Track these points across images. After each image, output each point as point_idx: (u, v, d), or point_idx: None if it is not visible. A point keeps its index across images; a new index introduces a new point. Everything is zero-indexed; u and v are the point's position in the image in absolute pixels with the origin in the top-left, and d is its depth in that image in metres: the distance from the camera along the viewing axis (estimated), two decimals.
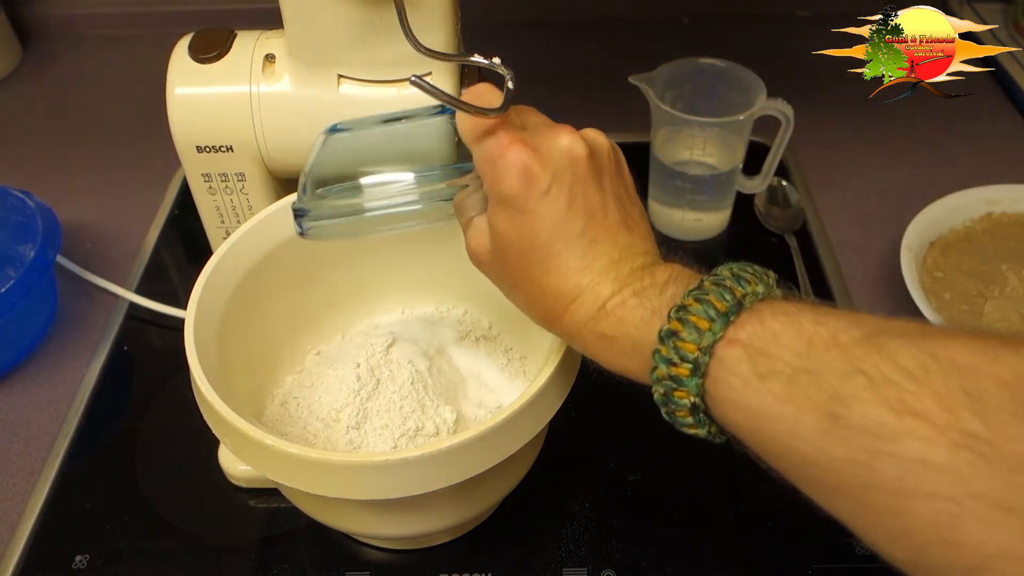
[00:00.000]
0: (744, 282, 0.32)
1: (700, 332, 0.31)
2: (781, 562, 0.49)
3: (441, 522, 0.45)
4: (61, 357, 0.62)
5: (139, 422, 0.57)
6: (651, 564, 0.48)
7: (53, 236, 0.59)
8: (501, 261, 0.37)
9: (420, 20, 0.43)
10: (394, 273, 0.54)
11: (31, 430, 0.57)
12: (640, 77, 0.65)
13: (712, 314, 0.31)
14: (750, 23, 0.94)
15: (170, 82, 0.48)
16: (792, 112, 0.64)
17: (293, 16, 0.45)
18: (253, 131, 0.48)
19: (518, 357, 0.52)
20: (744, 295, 0.31)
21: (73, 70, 0.92)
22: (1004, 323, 0.56)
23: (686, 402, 0.32)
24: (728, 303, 0.31)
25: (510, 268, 0.37)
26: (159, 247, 0.70)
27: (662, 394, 0.33)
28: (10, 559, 0.50)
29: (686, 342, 0.31)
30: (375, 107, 0.47)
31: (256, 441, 0.37)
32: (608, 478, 0.53)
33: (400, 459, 0.36)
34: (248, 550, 0.50)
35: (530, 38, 0.92)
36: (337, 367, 0.48)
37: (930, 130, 0.78)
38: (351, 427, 0.45)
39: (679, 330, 0.31)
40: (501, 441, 0.38)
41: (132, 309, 0.64)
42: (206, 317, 0.43)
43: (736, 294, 0.31)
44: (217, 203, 0.52)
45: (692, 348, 0.31)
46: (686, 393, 0.31)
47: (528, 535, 0.50)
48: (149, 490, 0.53)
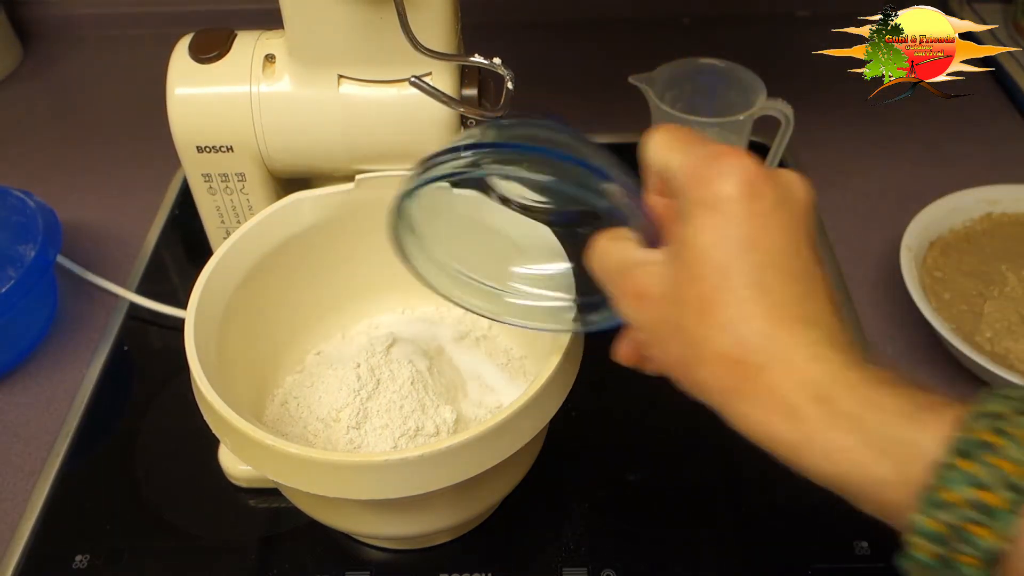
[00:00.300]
0: None
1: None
2: (781, 562, 0.49)
3: (441, 522, 0.45)
4: (61, 357, 0.62)
5: (139, 422, 0.57)
6: (651, 564, 0.48)
7: (53, 236, 0.59)
8: (685, 287, 0.29)
9: (420, 20, 0.43)
10: (394, 273, 0.53)
11: (31, 430, 0.57)
12: (640, 77, 0.65)
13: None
14: (750, 23, 0.94)
15: (170, 82, 0.48)
16: (792, 112, 0.64)
17: (293, 16, 0.45)
18: (253, 131, 0.48)
19: (518, 357, 0.52)
20: None
21: (73, 70, 0.92)
22: (1004, 323, 0.56)
23: (985, 544, 0.22)
24: None
25: (696, 295, 0.28)
26: (159, 247, 0.70)
27: (938, 529, 0.23)
28: (10, 559, 0.50)
29: (1005, 460, 0.21)
30: (375, 107, 0.47)
31: (256, 441, 0.37)
32: (608, 478, 0.53)
33: (400, 459, 0.36)
34: (248, 550, 0.50)
35: (530, 38, 0.92)
36: (337, 367, 0.48)
37: (930, 130, 0.78)
38: (351, 427, 0.45)
39: (997, 443, 0.22)
40: (501, 441, 0.38)
41: (132, 309, 0.64)
42: (206, 317, 0.43)
43: None
44: (217, 203, 0.52)
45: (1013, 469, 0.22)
46: (989, 533, 0.22)
47: (528, 535, 0.50)
48: (149, 490, 0.53)
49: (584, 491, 0.52)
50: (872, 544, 0.49)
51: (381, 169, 0.49)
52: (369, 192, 0.49)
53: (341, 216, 0.49)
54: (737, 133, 0.64)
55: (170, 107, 0.48)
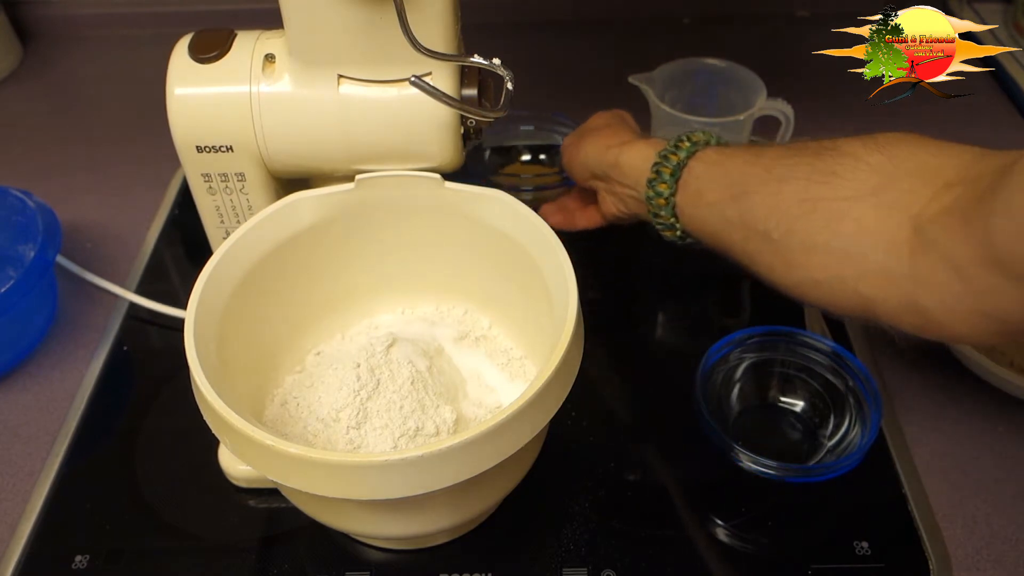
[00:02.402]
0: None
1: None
2: (781, 562, 0.49)
3: (441, 522, 0.45)
4: (61, 357, 0.62)
5: (139, 422, 0.57)
6: (651, 564, 0.48)
7: (53, 236, 0.59)
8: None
9: (420, 20, 0.43)
10: (394, 273, 0.54)
11: (31, 430, 0.57)
12: (640, 77, 0.65)
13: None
14: (750, 23, 0.94)
15: (170, 82, 0.48)
16: (792, 112, 0.64)
17: (293, 16, 0.45)
18: (253, 131, 0.48)
19: (518, 357, 0.52)
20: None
21: (73, 70, 0.92)
22: None
23: (673, 162, 0.53)
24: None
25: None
26: (159, 247, 0.70)
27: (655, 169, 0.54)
28: (10, 559, 0.50)
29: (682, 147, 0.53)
30: (375, 107, 0.47)
31: (256, 441, 0.37)
32: (608, 478, 0.53)
33: (400, 459, 0.36)
34: (248, 550, 0.50)
35: (530, 38, 0.92)
36: (337, 367, 0.48)
37: (930, 130, 0.78)
38: (351, 427, 0.45)
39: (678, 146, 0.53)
40: (501, 441, 0.38)
41: (132, 309, 0.64)
42: (206, 317, 0.43)
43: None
44: (217, 203, 0.52)
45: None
46: (676, 157, 0.53)
47: (528, 535, 0.50)
48: (149, 490, 0.53)
49: (584, 491, 0.52)
50: (872, 544, 0.49)
51: (381, 169, 0.49)
52: (369, 192, 0.49)
53: (341, 216, 0.49)
54: (737, 133, 0.64)
55: (170, 107, 0.48)
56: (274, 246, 0.48)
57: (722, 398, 0.55)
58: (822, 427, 0.54)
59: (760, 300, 0.64)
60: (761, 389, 0.56)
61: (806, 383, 0.55)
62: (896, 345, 0.60)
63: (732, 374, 0.55)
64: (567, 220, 0.64)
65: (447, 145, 0.49)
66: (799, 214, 0.45)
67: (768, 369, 0.56)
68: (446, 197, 0.49)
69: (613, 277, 0.66)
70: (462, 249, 0.52)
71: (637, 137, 0.58)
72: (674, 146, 0.53)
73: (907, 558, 0.49)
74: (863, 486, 0.51)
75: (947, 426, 0.56)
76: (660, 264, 0.68)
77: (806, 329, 0.56)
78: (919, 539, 0.49)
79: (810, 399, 0.55)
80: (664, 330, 0.64)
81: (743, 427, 0.54)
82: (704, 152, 0.52)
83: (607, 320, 0.62)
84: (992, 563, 0.49)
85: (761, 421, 0.55)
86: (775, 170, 0.47)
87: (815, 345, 0.54)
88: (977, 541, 0.50)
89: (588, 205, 0.63)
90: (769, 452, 0.48)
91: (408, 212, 0.50)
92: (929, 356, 0.59)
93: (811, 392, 0.55)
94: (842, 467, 0.48)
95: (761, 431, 0.55)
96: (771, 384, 0.56)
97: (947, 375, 0.58)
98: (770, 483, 0.49)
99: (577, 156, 0.60)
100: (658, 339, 0.64)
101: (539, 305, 0.46)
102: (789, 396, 0.56)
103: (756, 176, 0.48)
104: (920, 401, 0.57)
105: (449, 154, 0.49)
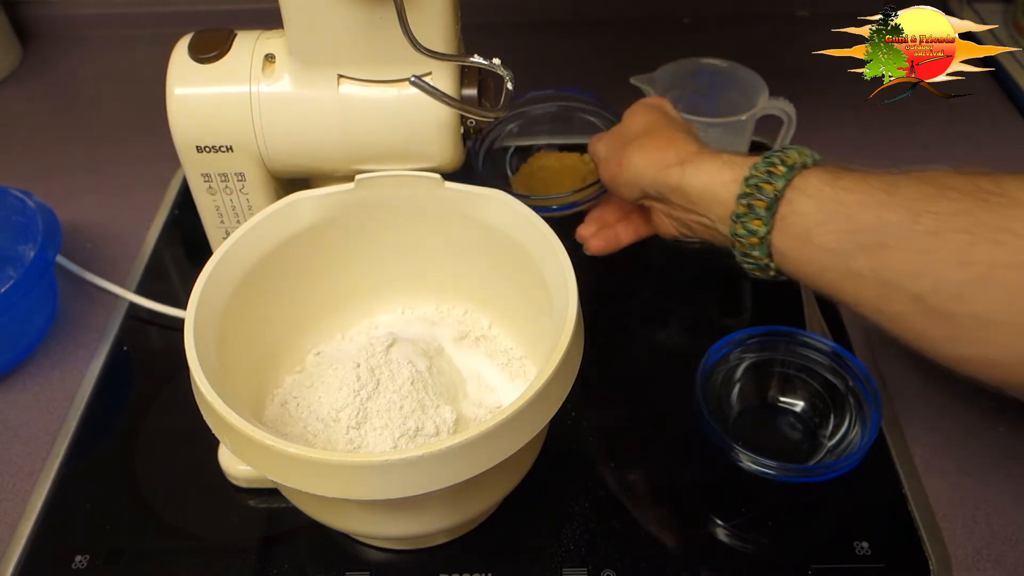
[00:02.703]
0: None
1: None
2: (781, 562, 0.49)
3: (441, 522, 0.45)
4: (61, 357, 0.62)
5: (139, 422, 0.57)
6: (651, 564, 0.48)
7: (53, 236, 0.59)
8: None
9: (420, 20, 0.43)
10: (394, 273, 0.54)
11: (31, 430, 0.57)
12: (641, 78, 0.65)
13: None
14: (750, 23, 0.94)
15: (170, 82, 0.48)
16: (794, 111, 0.64)
17: (293, 16, 0.45)
18: (253, 131, 0.48)
19: (518, 357, 0.52)
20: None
21: (73, 70, 0.92)
22: None
23: (769, 193, 0.43)
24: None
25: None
26: (159, 247, 0.70)
27: (747, 190, 0.44)
28: (10, 559, 0.50)
29: (782, 163, 0.44)
30: (375, 107, 0.47)
31: (256, 441, 0.37)
32: (608, 478, 0.53)
33: (400, 459, 0.36)
34: (248, 550, 0.50)
35: (530, 38, 0.92)
36: (337, 367, 0.48)
37: (930, 130, 0.78)
38: (351, 427, 0.45)
39: (779, 159, 0.44)
40: (501, 441, 0.38)
41: (132, 309, 0.64)
42: (206, 317, 0.43)
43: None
44: (217, 203, 0.52)
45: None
46: (771, 188, 0.43)
47: (528, 535, 0.50)
48: (149, 490, 0.53)
49: (584, 491, 0.52)
50: (872, 544, 0.49)
51: (381, 169, 0.49)
52: (369, 192, 0.49)
53: (341, 216, 0.49)
54: (739, 133, 0.64)
55: (170, 107, 0.48)
56: (274, 246, 0.48)
57: (722, 398, 0.55)
58: (822, 427, 0.54)
59: (760, 300, 0.64)
60: (761, 389, 0.56)
61: (806, 383, 0.55)
62: (896, 345, 0.60)
63: (732, 374, 0.55)
64: (611, 241, 0.55)
65: (447, 145, 0.49)
66: (965, 280, 0.38)
67: (768, 369, 0.56)
68: (446, 197, 0.49)
69: (613, 277, 0.66)
70: (462, 249, 0.52)
71: (699, 149, 0.48)
72: (766, 172, 0.43)
73: (907, 558, 0.49)
74: (863, 486, 0.51)
75: (947, 426, 0.56)
76: (660, 264, 0.68)
77: (806, 329, 0.56)
78: (919, 539, 0.49)
79: (810, 399, 0.55)
80: (664, 330, 0.64)
81: (743, 427, 0.54)
82: (805, 179, 0.43)
83: (607, 320, 0.62)
84: (992, 563, 0.49)
85: (761, 421, 0.55)
86: (923, 219, 0.39)
87: (815, 345, 0.54)
88: (977, 541, 0.50)
89: (631, 212, 0.55)
90: (769, 452, 0.48)
91: (408, 212, 0.50)
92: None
93: (811, 392, 0.55)
94: (842, 467, 0.48)
95: (761, 431, 0.55)
96: (771, 384, 0.56)
97: (947, 375, 0.57)
98: (770, 483, 0.49)
99: (622, 174, 0.50)
100: (658, 339, 0.64)
101: (539, 305, 0.46)
102: (789, 396, 0.56)
103: (897, 224, 0.39)
104: (920, 401, 0.57)
105: (449, 154, 0.49)
